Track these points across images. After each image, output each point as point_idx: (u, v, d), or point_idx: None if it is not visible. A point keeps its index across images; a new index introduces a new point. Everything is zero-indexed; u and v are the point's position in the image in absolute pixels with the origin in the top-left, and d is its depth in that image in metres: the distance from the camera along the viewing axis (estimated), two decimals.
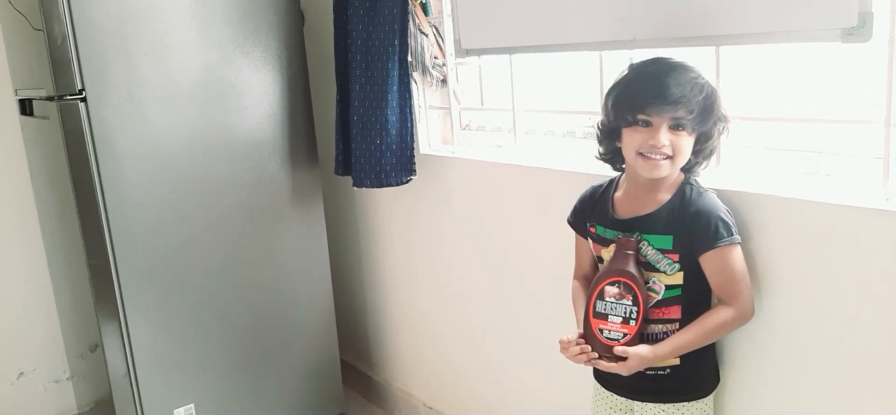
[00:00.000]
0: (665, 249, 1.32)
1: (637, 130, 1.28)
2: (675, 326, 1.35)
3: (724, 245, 1.28)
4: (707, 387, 1.42)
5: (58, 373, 2.62)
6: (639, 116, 1.27)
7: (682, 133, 1.26)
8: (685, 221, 1.30)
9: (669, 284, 1.33)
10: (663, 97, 1.24)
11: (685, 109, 1.24)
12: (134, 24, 1.88)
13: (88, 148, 1.86)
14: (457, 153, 2.07)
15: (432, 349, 2.35)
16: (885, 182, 1.23)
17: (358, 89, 2.07)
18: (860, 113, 1.32)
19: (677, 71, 1.26)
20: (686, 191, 1.33)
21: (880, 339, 1.23)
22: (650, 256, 1.33)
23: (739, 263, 1.30)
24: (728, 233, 1.29)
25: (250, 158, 2.12)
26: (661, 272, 1.33)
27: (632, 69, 1.32)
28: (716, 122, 1.30)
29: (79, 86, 1.83)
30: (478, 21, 1.87)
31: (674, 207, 1.32)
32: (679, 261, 1.31)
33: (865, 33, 1.17)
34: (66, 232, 2.12)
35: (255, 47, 2.08)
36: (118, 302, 1.96)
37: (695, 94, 1.24)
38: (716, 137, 1.32)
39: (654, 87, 1.25)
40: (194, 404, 2.13)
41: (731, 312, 1.31)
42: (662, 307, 1.34)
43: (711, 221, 1.28)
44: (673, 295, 1.34)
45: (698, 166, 1.35)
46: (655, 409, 1.40)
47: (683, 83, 1.24)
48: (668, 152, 1.26)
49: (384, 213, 2.39)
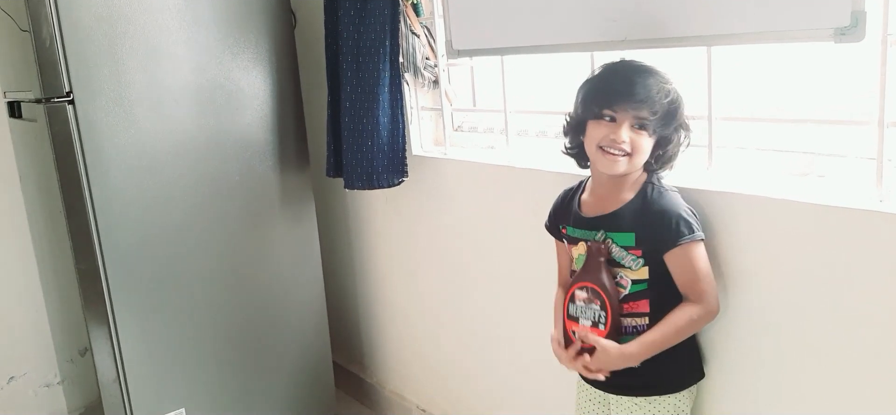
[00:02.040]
0: (628, 246, 1.35)
1: (601, 123, 1.32)
2: (644, 319, 1.37)
3: (686, 243, 1.31)
4: (681, 382, 1.43)
5: (48, 377, 2.60)
6: (605, 110, 1.31)
7: (643, 133, 1.30)
8: (647, 219, 1.34)
9: (636, 279, 1.36)
10: (630, 95, 1.28)
11: (649, 110, 1.28)
12: (122, 25, 1.86)
13: (76, 151, 1.84)
14: (449, 154, 2.06)
15: (426, 351, 2.33)
16: (878, 183, 1.22)
17: (349, 91, 2.05)
18: (853, 114, 1.31)
19: (646, 73, 1.30)
20: (648, 190, 1.36)
21: (874, 339, 1.21)
22: (615, 253, 1.37)
23: (703, 260, 1.33)
24: (689, 231, 1.31)
25: (240, 161, 2.10)
26: (627, 268, 1.36)
27: (604, 67, 1.37)
28: (677, 128, 1.33)
29: (66, 88, 1.81)
30: (469, 22, 1.85)
31: (636, 206, 1.35)
32: (643, 256, 1.34)
33: (858, 33, 1.15)
34: (56, 236, 2.10)
35: (246, 49, 2.07)
36: (107, 306, 1.94)
37: (660, 97, 1.28)
38: (676, 143, 1.35)
39: (622, 84, 1.30)
40: (184, 409, 2.12)
41: (697, 309, 1.33)
42: (631, 302, 1.37)
43: (672, 219, 1.31)
44: (640, 290, 1.36)
45: (658, 171, 1.37)
46: (628, 402, 1.43)
47: (651, 85, 1.28)
48: (626, 149, 1.30)
49: (376, 215, 2.38)
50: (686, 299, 1.35)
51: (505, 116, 1.88)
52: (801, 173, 1.38)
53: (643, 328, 1.37)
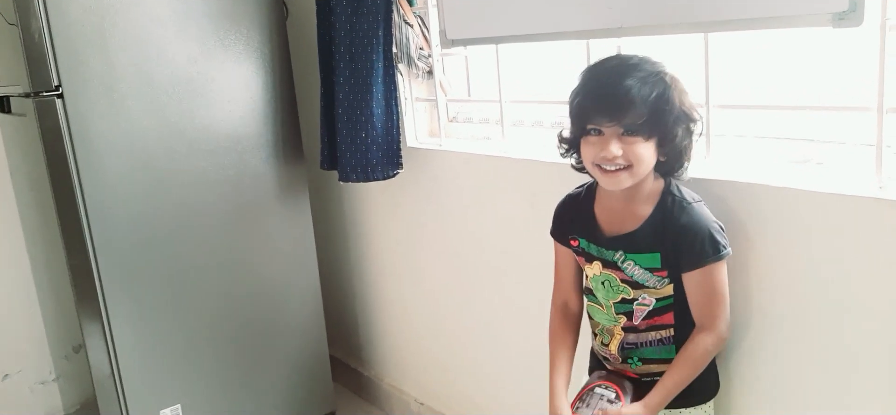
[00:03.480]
0: (654, 267, 1.26)
1: (590, 140, 1.21)
2: (669, 331, 1.31)
3: (709, 264, 1.23)
4: (709, 391, 1.38)
5: (43, 374, 2.59)
6: (588, 125, 1.21)
7: (636, 139, 1.18)
8: (671, 237, 1.24)
9: (660, 296, 1.30)
10: (607, 105, 1.17)
11: (633, 114, 1.16)
12: (111, 17, 1.84)
13: (66, 145, 1.82)
14: (444, 146, 2.04)
15: (422, 344, 2.33)
16: (878, 170, 1.21)
17: (342, 82, 2.03)
18: (852, 100, 1.30)
19: (627, 72, 1.17)
20: (668, 202, 1.25)
21: (875, 329, 1.21)
22: (637, 276, 1.27)
23: (721, 281, 1.25)
24: (714, 251, 1.22)
25: (233, 154, 2.09)
26: (650, 289, 1.29)
27: (583, 75, 1.25)
28: (676, 121, 1.20)
29: (55, 82, 1.79)
30: (463, 11, 1.83)
31: (657, 222, 1.25)
32: (668, 276, 1.27)
33: (856, 17, 1.13)
34: (48, 232, 2.08)
35: (237, 40, 2.05)
36: (100, 302, 1.93)
37: (644, 95, 1.15)
38: (681, 136, 1.21)
39: (598, 94, 1.19)
40: (181, 405, 2.11)
41: (711, 337, 1.26)
42: (655, 316, 1.31)
43: (697, 238, 1.22)
44: (665, 304, 1.30)
45: (675, 172, 1.26)
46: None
47: (630, 86, 1.15)
48: (621, 163, 1.19)
49: (371, 207, 2.36)
50: (698, 326, 1.28)
51: (500, 106, 1.86)
52: (800, 161, 1.36)
53: (668, 341, 1.31)
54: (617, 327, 1.35)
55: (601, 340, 1.41)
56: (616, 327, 1.35)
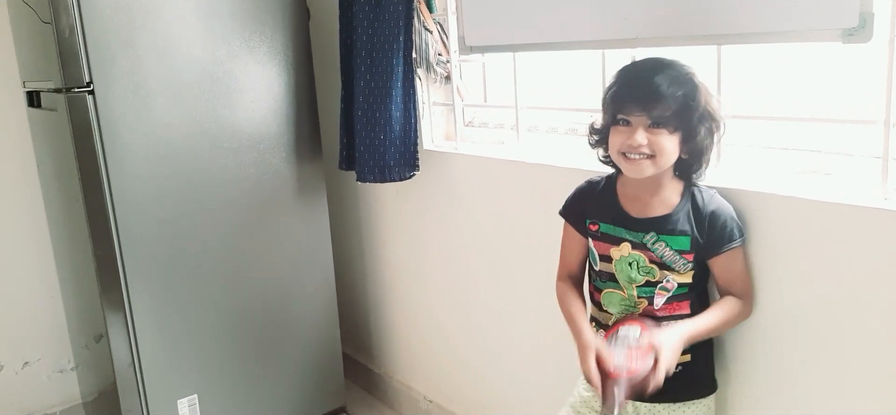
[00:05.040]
0: (682, 250, 1.34)
1: (619, 129, 1.31)
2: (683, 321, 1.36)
3: (736, 246, 1.33)
4: (712, 385, 1.44)
5: (62, 363, 2.64)
6: (618, 115, 1.30)
7: (662, 131, 1.27)
8: (701, 222, 1.33)
9: (681, 282, 1.36)
10: (640, 95, 1.26)
11: (661, 107, 1.25)
12: (141, 17, 1.89)
13: (95, 140, 1.88)
14: (460, 149, 2.09)
15: (433, 343, 2.36)
16: (883, 181, 1.24)
17: (362, 85, 2.08)
18: (860, 113, 1.33)
19: (660, 69, 1.27)
20: (695, 193, 1.36)
21: (879, 337, 1.24)
22: (667, 257, 1.35)
23: (746, 263, 1.36)
24: (740, 234, 1.33)
25: (255, 152, 2.14)
26: (675, 271, 1.35)
27: (619, 70, 1.34)
28: (700, 120, 1.28)
29: (86, 79, 1.84)
30: (482, 19, 1.88)
31: (688, 210, 1.34)
32: (693, 261, 1.35)
33: (866, 34, 1.17)
34: (72, 223, 2.13)
35: (261, 42, 2.10)
36: (123, 293, 1.98)
37: (673, 91, 1.24)
38: (704, 135, 1.30)
39: (632, 85, 1.29)
40: (197, 395, 2.15)
41: (742, 304, 1.36)
42: (673, 303, 1.37)
43: (727, 223, 1.32)
44: (682, 292, 1.37)
45: (694, 172, 1.35)
46: (663, 409, 1.41)
47: (660, 82, 1.25)
48: (646, 152, 1.27)
49: (387, 207, 2.41)
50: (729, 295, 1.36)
51: (516, 111, 1.90)
52: (808, 171, 1.40)
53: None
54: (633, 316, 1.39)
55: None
56: (633, 314, 1.39)
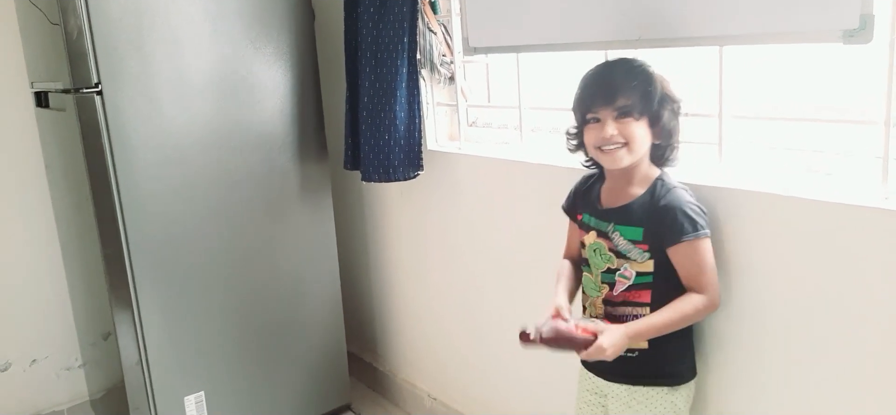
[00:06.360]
0: (635, 240, 1.40)
1: (590, 127, 1.40)
2: (644, 309, 1.41)
3: (688, 240, 1.35)
4: (679, 376, 1.46)
5: (70, 361, 2.66)
6: (588, 115, 1.40)
7: (628, 120, 1.35)
8: (654, 214, 1.38)
9: (640, 271, 1.40)
10: (601, 92, 1.37)
11: (623, 97, 1.35)
12: (149, 18, 1.92)
13: (104, 140, 1.90)
14: (463, 150, 2.10)
15: (438, 341, 2.38)
16: (884, 181, 1.25)
17: (367, 86, 2.10)
18: (860, 113, 1.35)
19: (615, 66, 1.41)
20: (657, 186, 1.40)
21: (878, 336, 1.25)
22: (621, 246, 1.41)
23: (704, 255, 1.36)
24: (693, 228, 1.35)
25: (261, 152, 2.16)
26: (632, 260, 1.41)
27: (582, 76, 1.44)
28: (661, 103, 1.37)
29: (95, 79, 1.86)
30: (486, 20, 1.89)
31: (645, 201, 1.40)
32: (649, 251, 1.39)
33: (866, 35, 1.19)
34: (80, 222, 2.16)
35: (267, 43, 2.12)
36: (131, 291, 2.00)
37: (629, 81, 1.35)
38: (668, 117, 1.38)
39: (593, 85, 1.40)
40: (204, 392, 2.18)
41: (702, 299, 1.37)
42: (633, 291, 1.42)
43: (677, 216, 1.36)
44: (644, 281, 1.41)
45: (667, 156, 1.42)
46: (624, 391, 1.47)
47: (618, 75, 1.37)
48: (619, 140, 1.36)
49: (391, 207, 2.42)
50: (690, 291, 1.38)
51: (519, 112, 1.91)
52: (809, 171, 1.41)
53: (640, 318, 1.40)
54: (599, 299, 1.47)
55: (589, 314, 1.52)
56: (598, 298, 1.47)
